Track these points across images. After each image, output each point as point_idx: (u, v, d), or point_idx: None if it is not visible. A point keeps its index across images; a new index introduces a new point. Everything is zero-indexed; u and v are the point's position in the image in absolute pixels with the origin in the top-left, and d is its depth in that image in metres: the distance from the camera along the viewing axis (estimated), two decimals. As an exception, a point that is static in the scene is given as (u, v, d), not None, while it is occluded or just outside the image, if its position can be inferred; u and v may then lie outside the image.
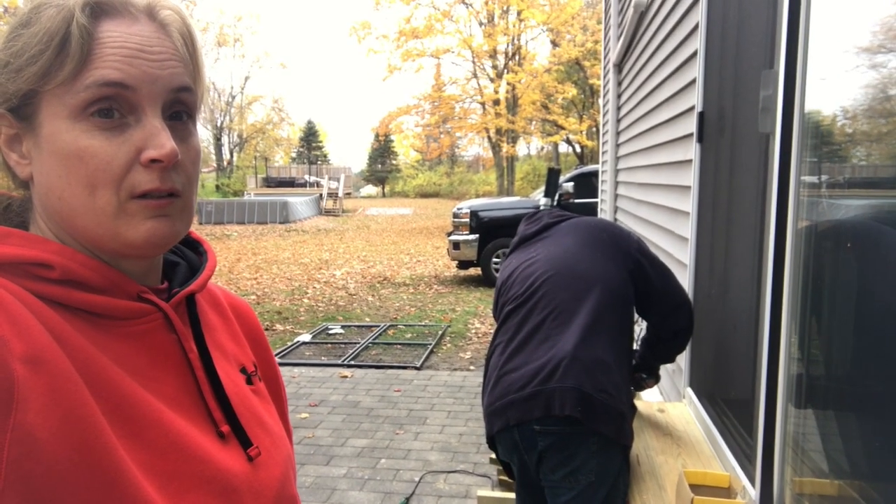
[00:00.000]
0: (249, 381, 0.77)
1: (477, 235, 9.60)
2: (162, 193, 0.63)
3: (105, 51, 0.60)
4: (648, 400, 2.78)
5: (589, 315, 1.86)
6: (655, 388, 3.13)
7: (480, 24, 28.99)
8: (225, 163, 45.07)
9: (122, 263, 0.66)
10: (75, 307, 0.61)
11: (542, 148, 44.30)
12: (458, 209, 9.98)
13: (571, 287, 1.91)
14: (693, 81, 2.66)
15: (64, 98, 0.60)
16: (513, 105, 27.38)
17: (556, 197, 2.92)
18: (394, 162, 55.18)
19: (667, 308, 2.02)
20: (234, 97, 46.28)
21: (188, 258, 0.78)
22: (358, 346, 6.34)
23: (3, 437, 0.50)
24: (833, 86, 1.25)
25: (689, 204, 2.62)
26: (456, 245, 9.71)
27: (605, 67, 7.14)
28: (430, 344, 6.40)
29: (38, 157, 0.63)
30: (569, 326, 1.85)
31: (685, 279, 2.59)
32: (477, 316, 7.77)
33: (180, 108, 0.66)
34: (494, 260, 9.68)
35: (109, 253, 0.65)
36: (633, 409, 1.97)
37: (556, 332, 1.86)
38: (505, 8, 28.03)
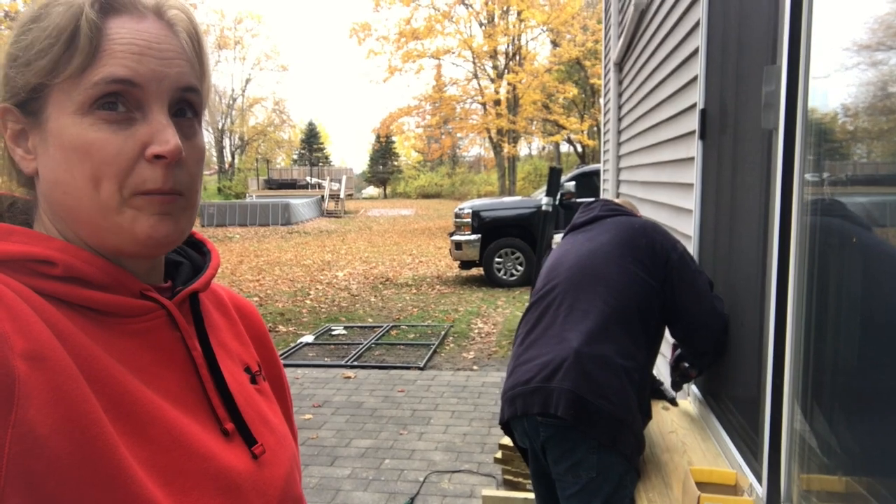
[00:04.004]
0: (254, 381, 0.77)
1: (479, 235, 9.60)
2: (164, 193, 0.63)
3: (114, 47, 0.61)
4: (653, 398, 2.77)
5: (599, 317, 1.86)
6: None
7: (480, 24, 28.98)
8: (226, 165, 45.11)
9: (124, 262, 0.66)
10: (78, 304, 0.61)
11: (544, 148, 44.31)
12: (460, 209, 9.98)
13: (590, 289, 1.92)
14: (695, 78, 2.66)
15: (71, 93, 0.60)
16: (514, 105, 27.35)
17: (558, 196, 2.91)
18: (395, 163, 55.13)
19: (690, 327, 2.00)
20: (235, 99, 46.32)
21: (191, 258, 0.78)
22: (361, 346, 6.34)
23: (5, 433, 0.50)
24: (837, 80, 1.25)
25: (692, 202, 2.61)
26: (458, 245, 9.71)
27: (605, 66, 7.13)
28: (434, 344, 6.40)
29: (44, 152, 0.63)
30: (578, 326, 1.87)
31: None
32: (480, 316, 7.76)
33: (185, 107, 0.66)
34: (497, 260, 9.68)
35: (112, 250, 0.64)
36: (644, 416, 1.95)
37: (565, 330, 1.88)
38: (505, 8, 28.00)
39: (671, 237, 2.04)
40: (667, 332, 2.08)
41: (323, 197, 27.90)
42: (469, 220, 9.67)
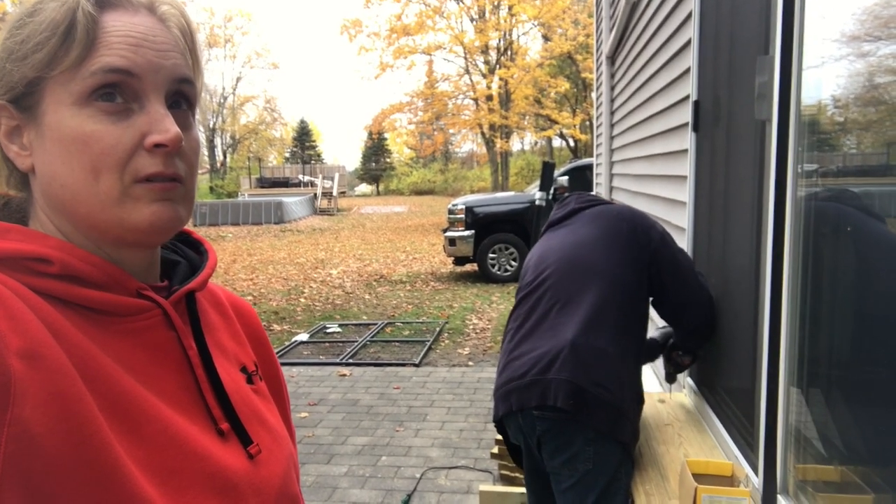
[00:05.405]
0: (250, 381, 0.77)
1: (472, 231, 9.60)
2: (166, 177, 0.63)
3: (110, 39, 0.61)
4: (649, 391, 2.78)
5: (592, 307, 1.87)
6: (655, 378, 3.13)
7: (472, 19, 28.99)
8: (218, 164, 44.96)
9: (122, 258, 0.66)
10: (74, 303, 0.61)
11: (536, 143, 44.31)
12: (454, 206, 9.98)
13: (578, 279, 1.93)
14: (687, 70, 2.66)
15: (68, 85, 0.61)
16: (506, 100, 27.37)
17: (552, 191, 2.91)
18: (388, 160, 54.99)
19: (679, 305, 2.02)
20: (225, 98, 46.16)
21: (188, 257, 0.78)
22: (356, 344, 6.33)
23: (0, 432, 0.50)
24: (830, 70, 1.25)
25: (686, 194, 2.61)
26: (452, 241, 9.71)
27: (597, 60, 7.14)
28: (429, 341, 6.40)
29: (41, 147, 0.63)
30: (571, 318, 1.88)
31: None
32: (474, 312, 7.77)
33: (180, 99, 0.67)
34: (490, 255, 9.68)
35: (112, 241, 0.65)
36: (640, 403, 1.97)
37: (559, 323, 1.89)
38: (496, 3, 28.02)
39: (649, 218, 2.07)
40: (659, 320, 2.10)
41: (315, 195, 27.81)
42: (462, 216, 9.67)
